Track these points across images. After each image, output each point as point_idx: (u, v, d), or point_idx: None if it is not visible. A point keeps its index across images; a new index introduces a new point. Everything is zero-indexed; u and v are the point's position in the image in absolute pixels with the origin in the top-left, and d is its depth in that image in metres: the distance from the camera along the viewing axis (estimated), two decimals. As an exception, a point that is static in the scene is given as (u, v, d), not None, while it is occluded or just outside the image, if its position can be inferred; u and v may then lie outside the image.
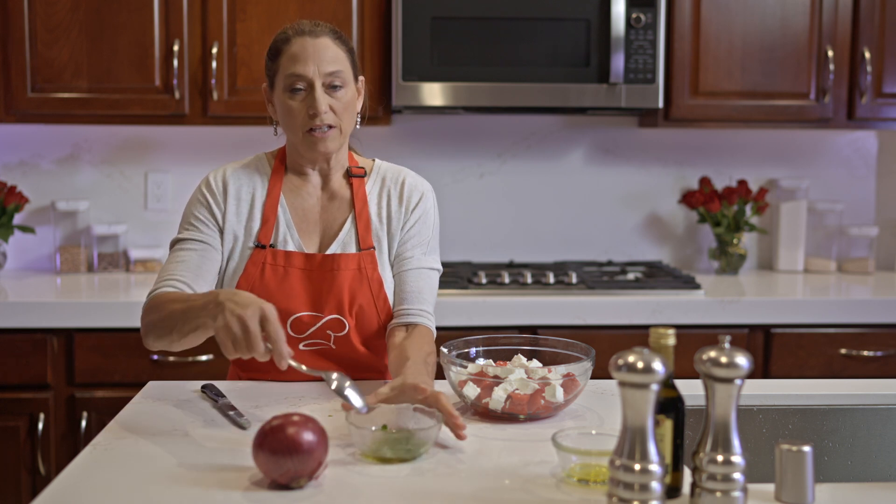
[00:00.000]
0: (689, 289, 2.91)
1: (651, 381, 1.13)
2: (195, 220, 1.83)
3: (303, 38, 1.78)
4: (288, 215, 1.84)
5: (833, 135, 3.47)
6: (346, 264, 1.81)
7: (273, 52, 1.82)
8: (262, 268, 1.80)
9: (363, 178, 1.89)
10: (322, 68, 1.77)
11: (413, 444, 1.40)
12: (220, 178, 1.86)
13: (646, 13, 2.96)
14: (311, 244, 1.85)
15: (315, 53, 1.77)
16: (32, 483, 2.74)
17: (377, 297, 1.82)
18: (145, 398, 1.73)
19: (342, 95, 1.79)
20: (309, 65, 1.77)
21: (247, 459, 1.38)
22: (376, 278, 1.82)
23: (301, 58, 1.77)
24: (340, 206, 1.87)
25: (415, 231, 1.87)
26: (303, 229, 1.85)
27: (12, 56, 2.93)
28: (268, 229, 1.82)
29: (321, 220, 1.87)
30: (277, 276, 1.80)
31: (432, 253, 1.89)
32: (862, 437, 1.77)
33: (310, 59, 1.77)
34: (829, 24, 3.07)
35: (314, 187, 1.88)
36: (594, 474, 1.31)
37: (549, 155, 3.40)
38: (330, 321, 1.80)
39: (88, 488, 1.31)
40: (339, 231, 1.85)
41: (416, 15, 2.91)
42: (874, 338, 2.90)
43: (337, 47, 1.80)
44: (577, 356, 1.71)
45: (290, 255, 1.81)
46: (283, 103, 1.79)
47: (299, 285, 1.80)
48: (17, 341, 2.72)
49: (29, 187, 3.28)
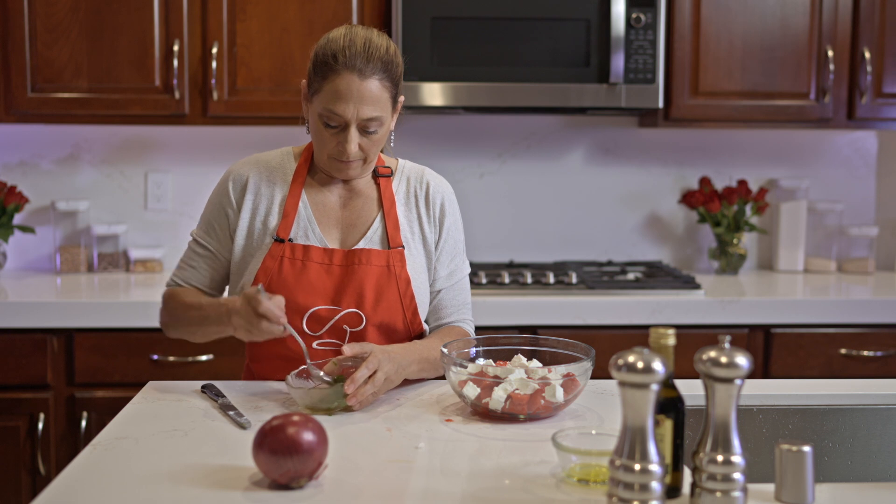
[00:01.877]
0: (689, 289, 2.91)
1: (651, 381, 1.13)
2: (208, 225, 1.89)
3: (351, 75, 1.71)
4: (309, 210, 1.85)
5: (833, 135, 3.47)
6: (375, 260, 1.82)
7: (318, 67, 1.75)
8: (280, 261, 1.81)
9: (390, 178, 1.90)
10: (361, 113, 1.73)
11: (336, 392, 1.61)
12: (242, 173, 1.87)
13: (646, 13, 2.96)
14: (332, 239, 1.85)
15: (359, 97, 1.72)
16: (32, 483, 2.74)
17: (404, 295, 1.83)
18: (145, 398, 1.73)
19: (374, 136, 1.78)
20: (349, 107, 1.72)
21: (247, 459, 1.38)
22: (405, 276, 1.83)
23: (343, 98, 1.71)
24: (366, 205, 1.88)
25: (450, 244, 1.92)
26: (324, 224, 1.85)
27: (12, 56, 2.93)
28: (287, 223, 1.83)
29: (343, 215, 1.87)
30: (295, 270, 1.80)
31: (461, 254, 1.95)
32: (862, 437, 1.77)
33: (352, 101, 1.72)
34: (829, 24, 3.07)
35: (336, 184, 1.89)
36: (594, 474, 1.31)
37: (549, 155, 3.40)
38: (347, 315, 1.80)
39: (88, 488, 1.31)
40: (367, 229, 1.85)
41: (416, 15, 2.91)
42: (874, 338, 2.90)
43: (382, 90, 1.75)
44: (577, 356, 1.71)
45: (309, 250, 1.82)
46: (316, 125, 1.78)
47: (318, 279, 1.81)
48: (17, 341, 2.72)
49: (29, 187, 3.28)
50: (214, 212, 1.88)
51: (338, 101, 1.72)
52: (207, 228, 1.89)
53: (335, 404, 1.62)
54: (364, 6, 2.97)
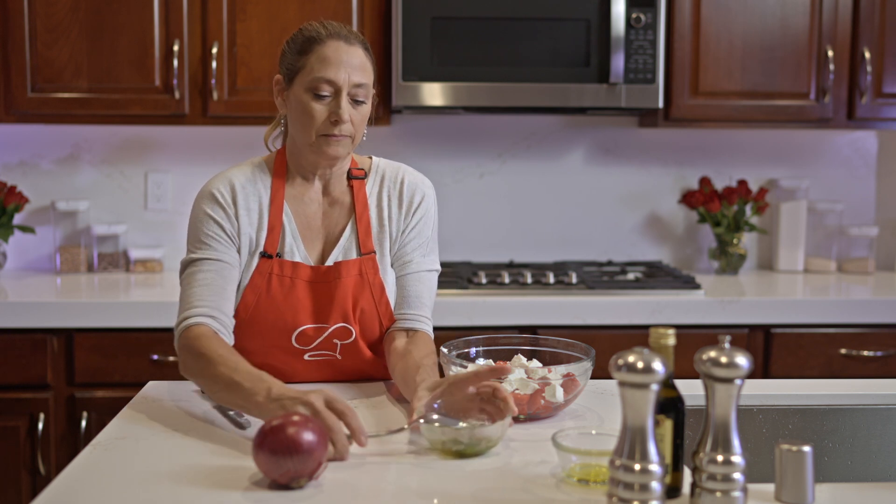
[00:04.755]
0: (689, 289, 2.91)
1: (651, 381, 1.13)
2: (206, 238, 1.75)
3: (338, 41, 1.73)
4: (293, 224, 1.80)
5: (833, 135, 3.47)
6: (348, 271, 1.78)
7: (300, 47, 1.75)
8: (268, 278, 1.76)
9: (363, 180, 1.86)
10: (352, 78, 1.72)
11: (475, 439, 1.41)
12: (226, 188, 1.78)
13: (646, 13, 2.96)
14: (314, 253, 1.81)
15: (348, 61, 1.73)
16: (32, 483, 2.74)
17: (379, 303, 1.80)
18: (145, 398, 1.73)
19: (362, 109, 1.76)
20: (341, 71, 1.72)
21: (247, 459, 1.38)
22: (378, 283, 1.80)
23: (334, 63, 1.72)
24: (341, 212, 1.83)
25: (415, 233, 1.85)
26: (307, 237, 1.81)
27: (12, 56, 2.93)
28: (274, 238, 1.78)
29: (323, 226, 1.83)
30: (284, 288, 1.76)
31: (431, 253, 1.87)
32: (862, 437, 1.77)
33: (342, 65, 1.72)
34: (829, 24, 3.07)
35: (316, 193, 1.84)
36: (594, 474, 1.31)
37: (549, 155, 3.40)
38: (336, 330, 1.78)
39: (88, 488, 1.31)
40: (339, 237, 1.82)
41: (416, 15, 2.91)
42: (874, 338, 2.90)
43: (366, 60, 1.76)
44: (577, 356, 1.71)
45: (297, 267, 1.77)
46: (303, 103, 1.74)
47: (305, 297, 1.77)
48: (17, 341, 2.72)
49: (29, 187, 3.28)
50: (209, 227, 1.76)
51: (328, 67, 1.72)
52: (199, 245, 1.75)
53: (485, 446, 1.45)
54: (364, 6, 2.97)
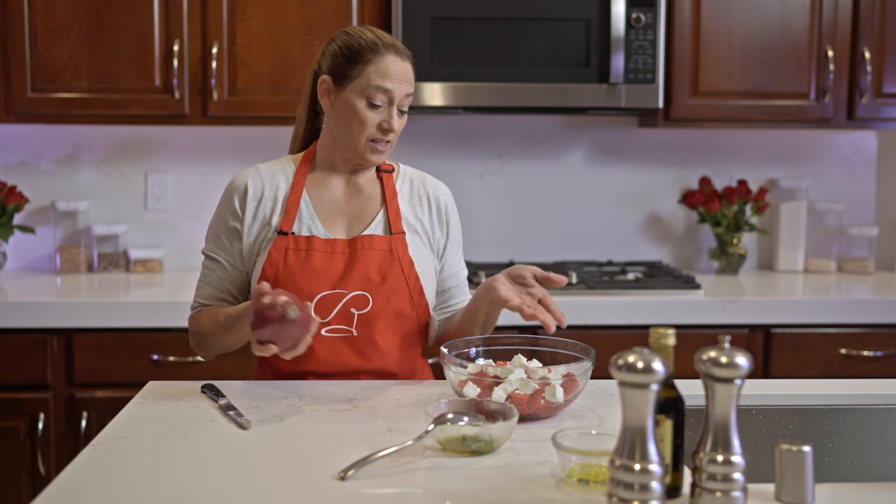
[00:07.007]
0: (689, 289, 2.91)
1: (651, 381, 1.13)
2: (216, 238, 1.92)
3: (395, 55, 1.84)
4: (311, 207, 1.89)
5: (833, 135, 3.47)
6: (378, 245, 1.87)
7: (356, 55, 1.84)
8: (284, 253, 1.85)
9: (391, 174, 1.96)
10: (403, 90, 1.85)
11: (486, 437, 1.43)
12: (241, 182, 1.91)
13: (646, 13, 2.96)
14: (337, 231, 1.90)
15: (404, 74, 1.85)
16: (32, 483, 2.74)
17: (408, 276, 1.87)
18: (145, 398, 1.73)
19: (405, 118, 1.89)
20: (396, 84, 1.83)
21: (247, 460, 1.38)
22: (407, 258, 1.88)
23: (391, 76, 1.83)
24: (370, 200, 1.93)
25: (455, 241, 2.00)
26: (328, 219, 1.89)
27: (12, 56, 2.93)
28: (290, 219, 1.87)
29: (348, 209, 1.92)
30: (300, 259, 1.84)
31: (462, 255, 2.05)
32: (862, 437, 1.77)
33: (398, 79, 1.83)
34: (829, 24, 3.07)
35: (339, 180, 1.93)
36: (594, 474, 1.31)
37: (549, 155, 3.40)
38: (354, 298, 1.83)
39: (88, 488, 1.31)
40: (370, 221, 1.90)
41: (416, 15, 2.91)
42: (874, 338, 2.90)
43: (412, 72, 1.88)
44: (577, 356, 1.71)
45: (313, 240, 1.86)
46: (356, 109, 1.84)
47: (322, 266, 1.84)
48: (17, 341, 2.72)
49: (29, 187, 3.28)
50: (220, 225, 1.92)
51: (386, 79, 1.82)
52: (216, 241, 1.92)
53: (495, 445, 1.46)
54: (364, 6, 2.97)
